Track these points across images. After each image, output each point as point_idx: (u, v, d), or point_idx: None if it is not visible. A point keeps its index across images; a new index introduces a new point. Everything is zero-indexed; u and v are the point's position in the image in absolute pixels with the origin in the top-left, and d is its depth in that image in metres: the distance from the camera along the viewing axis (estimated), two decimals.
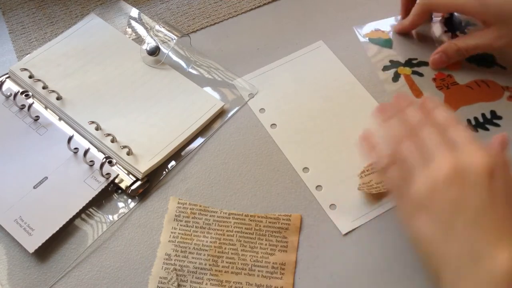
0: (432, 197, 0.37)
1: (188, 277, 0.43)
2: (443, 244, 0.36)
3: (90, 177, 0.47)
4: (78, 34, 0.58)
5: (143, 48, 0.55)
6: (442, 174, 0.37)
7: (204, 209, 0.46)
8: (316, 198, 0.46)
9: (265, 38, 0.58)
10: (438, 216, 0.36)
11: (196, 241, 0.44)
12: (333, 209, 0.45)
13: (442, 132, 0.40)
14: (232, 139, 0.50)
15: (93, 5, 0.61)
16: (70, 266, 0.44)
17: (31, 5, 0.62)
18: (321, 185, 0.47)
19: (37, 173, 0.48)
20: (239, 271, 0.43)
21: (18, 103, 0.52)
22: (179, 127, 0.50)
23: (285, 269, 0.43)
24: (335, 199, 0.46)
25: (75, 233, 0.45)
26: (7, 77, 0.54)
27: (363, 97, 0.52)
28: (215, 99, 0.52)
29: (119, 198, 0.47)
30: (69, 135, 0.49)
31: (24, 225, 0.45)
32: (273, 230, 0.45)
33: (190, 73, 0.55)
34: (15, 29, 0.60)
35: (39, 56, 0.56)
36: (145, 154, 0.48)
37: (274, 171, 0.48)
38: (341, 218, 0.45)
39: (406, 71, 0.54)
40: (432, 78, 0.53)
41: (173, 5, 0.62)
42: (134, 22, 0.60)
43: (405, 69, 0.54)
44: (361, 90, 0.53)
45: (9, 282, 0.43)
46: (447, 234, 0.36)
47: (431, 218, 0.37)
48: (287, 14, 0.60)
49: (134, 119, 0.51)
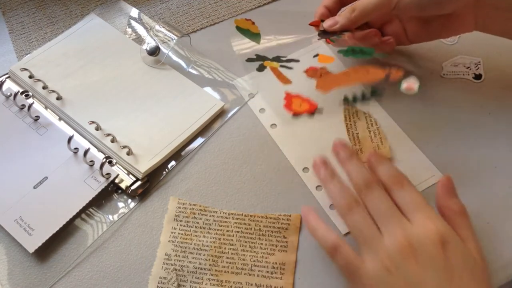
0: (389, 275, 0.35)
1: (188, 277, 0.43)
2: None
3: (90, 177, 0.47)
4: (78, 34, 0.58)
5: (143, 48, 0.55)
6: (396, 250, 0.36)
7: (204, 209, 0.46)
8: (316, 198, 0.46)
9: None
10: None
11: (196, 241, 0.44)
12: (333, 209, 0.45)
13: (388, 200, 0.39)
14: (232, 139, 0.50)
15: (93, 5, 0.61)
16: (70, 266, 0.44)
17: (31, 5, 0.62)
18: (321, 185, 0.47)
19: (37, 173, 0.48)
20: (239, 271, 0.43)
21: (18, 103, 0.52)
22: (179, 127, 0.50)
23: (285, 269, 0.43)
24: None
25: (75, 233, 0.45)
26: (7, 77, 0.54)
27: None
28: (215, 99, 0.52)
29: (119, 198, 0.47)
30: (69, 135, 0.49)
31: (24, 225, 0.45)
32: (273, 230, 0.45)
33: (190, 73, 0.55)
34: (15, 29, 0.60)
35: (39, 56, 0.56)
36: (145, 154, 0.48)
37: (274, 171, 0.48)
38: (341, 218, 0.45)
39: (274, 65, 0.51)
40: (303, 70, 0.50)
41: (173, 5, 0.62)
42: (134, 22, 0.60)
43: (272, 63, 0.51)
44: None
45: (9, 282, 0.43)
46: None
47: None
48: (287, 14, 0.60)
49: (134, 119, 0.51)
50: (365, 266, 0.37)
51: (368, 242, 0.37)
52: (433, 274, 0.35)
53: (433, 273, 0.35)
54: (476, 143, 0.48)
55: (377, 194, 0.39)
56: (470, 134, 0.49)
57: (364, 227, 0.38)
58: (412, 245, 0.36)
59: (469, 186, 0.45)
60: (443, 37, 0.51)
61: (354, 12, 0.47)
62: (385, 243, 0.36)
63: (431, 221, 0.37)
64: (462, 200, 0.44)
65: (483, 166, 0.47)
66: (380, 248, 0.36)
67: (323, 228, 0.40)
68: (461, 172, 0.46)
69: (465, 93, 0.52)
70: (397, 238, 0.36)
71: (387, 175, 0.41)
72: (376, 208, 0.39)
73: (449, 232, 0.36)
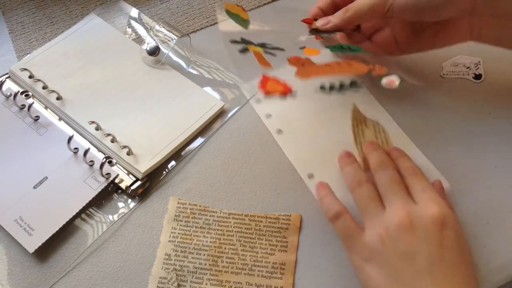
0: (383, 245, 0.37)
1: (188, 277, 0.43)
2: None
3: (90, 177, 0.47)
4: (78, 34, 0.58)
5: (143, 48, 0.55)
6: (395, 222, 0.37)
7: (204, 209, 0.46)
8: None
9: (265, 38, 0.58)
10: (389, 265, 0.37)
11: (196, 241, 0.44)
12: None
13: (399, 179, 0.41)
14: (232, 139, 0.50)
15: (93, 5, 0.61)
16: (70, 266, 0.44)
17: (31, 5, 0.62)
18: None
19: (37, 173, 0.48)
20: (239, 271, 0.43)
21: (18, 103, 0.52)
22: (179, 127, 0.50)
23: (285, 269, 0.43)
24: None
25: (75, 233, 0.45)
26: (7, 77, 0.54)
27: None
28: (215, 99, 0.52)
29: (119, 198, 0.47)
30: (69, 135, 0.49)
31: (24, 225, 0.45)
32: (273, 230, 0.45)
33: (190, 73, 0.55)
34: (15, 29, 0.60)
35: (39, 56, 0.56)
36: (145, 154, 0.48)
37: (274, 171, 0.48)
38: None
39: (258, 49, 0.50)
40: (286, 58, 0.49)
41: (173, 5, 0.62)
42: (134, 22, 0.60)
43: (256, 48, 0.50)
44: None
45: (9, 282, 0.43)
46: (397, 283, 0.36)
47: (381, 266, 0.37)
48: (288, 14, 0.60)
49: (134, 119, 0.51)
50: (362, 234, 0.39)
51: (370, 214, 0.39)
52: (427, 247, 0.36)
53: (427, 246, 0.36)
54: (476, 143, 0.48)
55: (389, 173, 0.41)
56: (470, 134, 0.49)
57: (368, 200, 0.40)
58: (412, 221, 0.37)
59: (469, 186, 0.45)
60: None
61: (348, 12, 0.47)
62: (385, 216, 0.38)
63: (436, 203, 0.38)
64: (462, 200, 0.45)
65: (483, 166, 0.47)
66: (380, 220, 0.38)
67: (331, 197, 0.43)
68: (461, 172, 0.46)
69: (465, 93, 0.52)
70: (398, 213, 0.38)
71: (405, 166, 0.42)
72: (384, 184, 0.40)
73: (451, 216, 0.38)
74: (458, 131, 0.49)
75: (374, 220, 0.39)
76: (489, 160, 0.47)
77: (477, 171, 0.47)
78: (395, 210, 0.38)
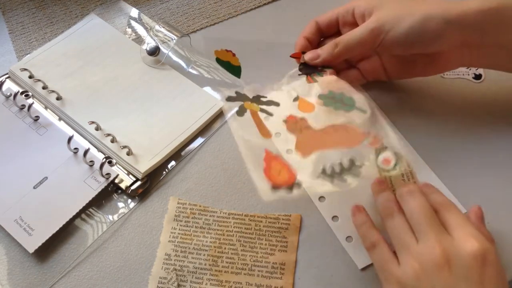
0: (418, 281, 0.36)
1: (188, 277, 0.43)
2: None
3: (90, 177, 0.47)
4: (78, 34, 0.58)
5: (143, 48, 0.55)
6: (431, 259, 0.36)
7: (204, 209, 0.46)
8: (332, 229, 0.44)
9: (265, 38, 0.58)
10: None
11: (196, 241, 0.44)
12: (349, 242, 0.44)
13: (429, 209, 0.38)
14: (232, 139, 0.50)
15: (93, 5, 0.61)
16: (70, 266, 0.44)
17: (31, 5, 0.62)
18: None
19: (37, 173, 0.48)
20: (239, 271, 0.43)
21: (18, 103, 0.52)
22: (179, 127, 0.50)
23: (285, 269, 0.43)
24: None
25: (75, 233, 0.45)
26: (7, 77, 0.54)
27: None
28: (215, 99, 0.52)
29: (119, 198, 0.47)
30: (69, 135, 0.49)
31: (24, 225, 0.45)
32: (273, 230, 0.45)
33: (190, 73, 0.55)
34: (15, 29, 0.60)
35: (39, 56, 0.56)
36: (145, 154, 0.48)
37: None
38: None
39: (254, 107, 0.51)
40: (283, 120, 0.49)
41: (173, 5, 0.62)
42: (134, 22, 0.60)
43: (252, 105, 0.51)
44: None
45: (9, 282, 0.43)
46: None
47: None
48: (288, 14, 0.60)
49: (134, 119, 0.51)
50: (398, 268, 0.37)
51: (405, 247, 0.38)
52: (465, 286, 0.35)
53: (466, 284, 0.35)
54: (476, 143, 0.48)
55: (418, 202, 0.39)
56: (470, 134, 0.49)
57: (401, 232, 0.38)
58: (449, 258, 0.35)
59: (469, 186, 0.45)
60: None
61: (337, 47, 0.46)
62: (419, 251, 0.37)
63: (476, 238, 0.36)
64: (462, 200, 0.45)
65: (483, 166, 0.47)
66: (414, 255, 0.37)
67: (369, 225, 0.41)
68: (461, 172, 0.46)
69: (465, 93, 0.52)
70: (433, 248, 0.36)
71: (438, 201, 0.40)
72: (415, 214, 0.38)
73: (491, 251, 0.36)
74: (458, 131, 0.49)
75: (407, 253, 0.37)
76: (489, 160, 0.47)
77: (477, 171, 0.47)
78: (428, 245, 0.36)
